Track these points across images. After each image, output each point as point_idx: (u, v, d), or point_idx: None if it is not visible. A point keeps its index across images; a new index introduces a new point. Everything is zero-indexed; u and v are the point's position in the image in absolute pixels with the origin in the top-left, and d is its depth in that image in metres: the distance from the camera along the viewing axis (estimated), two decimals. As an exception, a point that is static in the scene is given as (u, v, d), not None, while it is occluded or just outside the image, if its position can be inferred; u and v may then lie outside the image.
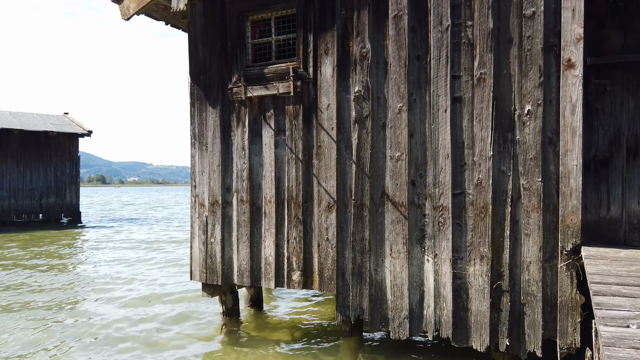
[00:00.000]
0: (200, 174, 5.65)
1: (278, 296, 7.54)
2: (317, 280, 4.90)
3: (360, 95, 4.66)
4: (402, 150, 4.48)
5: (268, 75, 5.16)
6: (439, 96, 4.33)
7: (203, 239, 5.59)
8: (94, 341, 5.48)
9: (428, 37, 4.38)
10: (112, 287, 8.43)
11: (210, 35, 5.51)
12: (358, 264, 4.69)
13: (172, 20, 6.18)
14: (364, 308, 4.68)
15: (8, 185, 21.24)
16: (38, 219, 22.05)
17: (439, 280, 4.34)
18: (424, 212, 4.42)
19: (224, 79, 5.44)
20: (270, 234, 5.16)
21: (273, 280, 5.12)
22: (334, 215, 4.82)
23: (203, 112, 5.60)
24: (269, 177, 5.19)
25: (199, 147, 5.64)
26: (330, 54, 4.83)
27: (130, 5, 5.55)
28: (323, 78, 4.87)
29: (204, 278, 5.57)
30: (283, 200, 5.11)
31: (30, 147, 21.91)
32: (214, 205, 5.52)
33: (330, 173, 4.84)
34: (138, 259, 11.73)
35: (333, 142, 4.81)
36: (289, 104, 5.07)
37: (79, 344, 5.37)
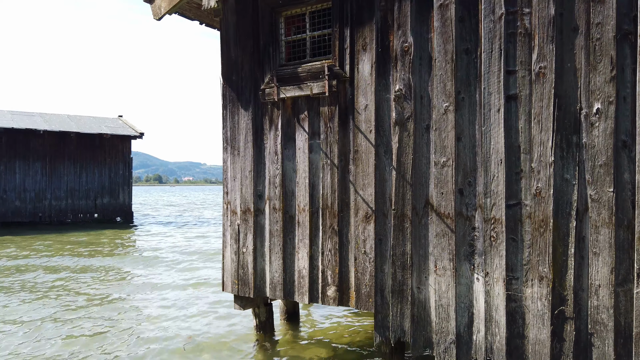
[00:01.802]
0: (232, 180, 5.38)
1: (315, 309, 7.18)
2: (353, 297, 4.50)
3: (402, 94, 4.22)
4: (448, 155, 4.00)
5: (302, 75, 4.81)
6: (490, 94, 3.81)
7: (235, 249, 5.32)
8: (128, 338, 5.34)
9: (478, 28, 3.87)
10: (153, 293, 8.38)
11: (242, 33, 5.22)
12: (399, 281, 4.24)
13: (205, 19, 5.96)
14: (405, 329, 4.23)
15: (65, 186, 22.13)
16: (93, 219, 22.85)
17: (491, 302, 3.83)
18: (473, 225, 3.92)
19: (256, 80, 5.14)
20: (304, 245, 4.81)
21: (307, 295, 4.76)
22: (372, 226, 4.40)
23: (235, 115, 5.33)
24: (303, 183, 4.84)
25: (231, 152, 5.37)
26: (368, 49, 4.42)
27: (162, 5, 5.36)
28: (360, 76, 4.46)
29: (236, 290, 5.29)
30: (317, 209, 4.75)
31: (86, 149, 22.73)
32: (245, 213, 5.24)
33: (368, 180, 4.42)
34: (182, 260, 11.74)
35: (371, 146, 4.39)
36: (324, 105, 4.70)
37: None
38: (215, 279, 9.35)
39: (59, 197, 21.93)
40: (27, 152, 21.19)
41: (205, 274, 9.98)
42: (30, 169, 21.24)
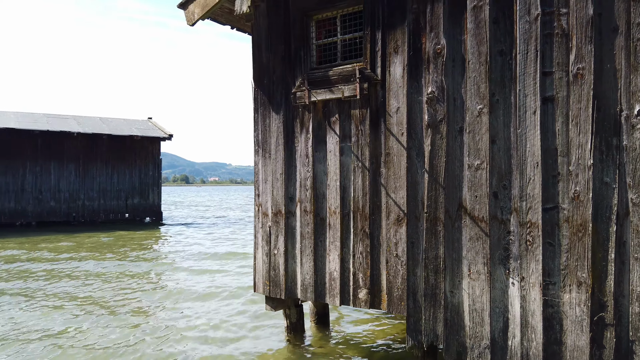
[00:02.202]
0: (263, 182, 5.44)
1: (345, 311, 7.19)
2: (385, 300, 4.49)
3: (434, 96, 4.19)
4: (482, 158, 3.95)
5: (333, 78, 4.82)
6: (526, 96, 3.76)
7: (266, 250, 5.37)
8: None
9: (513, 29, 3.82)
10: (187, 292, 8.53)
11: (274, 37, 5.28)
12: (431, 285, 4.22)
13: (237, 24, 6.04)
14: (438, 334, 4.20)
15: (98, 187, 22.71)
16: (124, 218, 23.38)
17: (527, 308, 3.77)
18: (508, 229, 3.86)
19: (287, 83, 5.19)
20: (335, 248, 4.83)
21: (338, 298, 4.78)
22: (404, 229, 4.39)
23: (266, 118, 5.38)
24: (334, 186, 4.85)
25: (262, 155, 5.43)
26: (400, 52, 4.40)
27: (195, 11, 5.46)
28: (392, 79, 4.46)
29: (267, 291, 5.35)
30: (348, 211, 4.76)
31: (117, 151, 23.27)
32: (277, 215, 5.29)
33: (400, 183, 4.41)
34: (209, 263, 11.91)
35: (403, 149, 4.38)
36: (355, 108, 4.71)
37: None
38: (240, 284, 9.46)
39: (91, 198, 22.54)
40: (62, 154, 21.84)
41: (235, 275, 10.11)
42: (64, 170, 21.88)
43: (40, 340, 5.78)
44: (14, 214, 20.80)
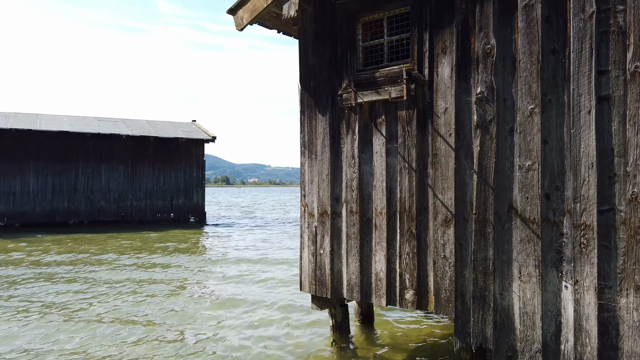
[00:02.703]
0: (309, 183, 5.53)
1: (390, 311, 7.19)
2: (432, 301, 4.48)
3: (483, 96, 4.16)
4: (533, 159, 3.89)
5: (379, 79, 4.86)
6: (580, 95, 3.67)
7: (312, 250, 5.46)
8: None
9: (567, 27, 3.75)
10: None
11: (320, 40, 5.36)
12: (480, 287, 4.18)
13: (283, 28, 6.16)
14: (487, 336, 4.16)
15: (145, 187, 23.52)
16: (170, 218, 24.11)
17: (581, 312, 3.68)
18: (561, 231, 3.79)
19: (333, 85, 5.26)
20: (381, 248, 4.85)
21: (384, 298, 4.80)
22: (451, 230, 4.37)
23: (312, 120, 5.47)
24: (380, 187, 4.88)
25: (308, 156, 5.52)
26: (448, 52, 4.39)
27: (244, 16, 5.62)
28: (440, 79, 4.45)
29: (313, 290, 5.43)
30: (395, 212, 4.77)
31: (163, 153, 24.03)
32: (323, 215, 5.36)
33: (448, 184, 4.39)
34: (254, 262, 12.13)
35: (451, 150, 4.36)
36: (402, 109, 4.72)
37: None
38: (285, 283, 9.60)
39: (139, 198, 23.38)
40: (111, 156, 22.76)
41: (281, 275, 10.27)
42: (114, 171, 22.80)
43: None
44: (67, 213, 21.85)
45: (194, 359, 5.25)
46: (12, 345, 5.62)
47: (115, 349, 5.49)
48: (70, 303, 7.58)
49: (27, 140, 21.08)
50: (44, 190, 21.46)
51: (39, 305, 7.41)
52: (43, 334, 6.00)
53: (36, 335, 5.98)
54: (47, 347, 5.55)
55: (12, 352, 5.39)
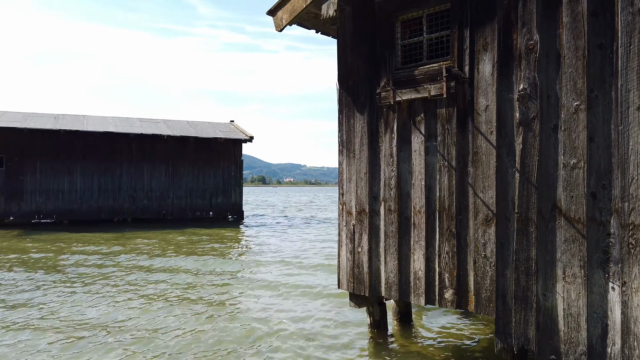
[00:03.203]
0: (347, 182, 5.56)
1: (428, 310, 7.13)
2: (472, 301, 4.43)
3: (526, 93, 4.08)
4: (579, 157, 3.79)
5: (418, 77, 4.84)
6: (629, 91, 3.56)
7: (350, 248, 5.49)
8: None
9: (614, 22, 3.63)
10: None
11: (359, 39, 5.39)
12: (522, 287, 4.10)
13: (322, 28, 6.22)
14: (529, 337, 4.08)
15: (185, 186, 24.12)
16: (209, 217, 24.63)
17: (628, 314, 3.57)
18: (608, 231, 3.68)
19: (372, 84, 5.27)
20: (420, 247, 4.83)
21: (423, 297, 4.78)
22: (492, 229, 4.31)
23: (351, 119, 5.50)
24: (419, 185, 4.87)
25: (347, 155, 5.55)
26: (489, 49, 4.33)
27: (283, 17, 5.71)
28: (481, 76, 4.39)
29: (351, 288, 5.46)
30: (434, 211, 4.75)
31: (202, 152, 24.58)
32: (361, 214, 5.39)
33: (489, 182, 4.33)
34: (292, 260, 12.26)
35: (492, 148, 4.30)
36: (441, 107, 4.69)
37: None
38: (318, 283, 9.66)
39: (179, 197, 24.01)
40: (153, 156, 23.47)
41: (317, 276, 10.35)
42: (155, 170, 23.50)
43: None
44: (112, 211, 22.68)
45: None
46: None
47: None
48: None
49: (75, 141, 22.00)
50: (91, 189, 22.35)
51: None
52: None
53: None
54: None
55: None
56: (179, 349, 5.40)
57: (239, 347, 5.51)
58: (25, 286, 8.65)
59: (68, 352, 5.32)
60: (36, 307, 7.18)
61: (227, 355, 5.27)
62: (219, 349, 5.44)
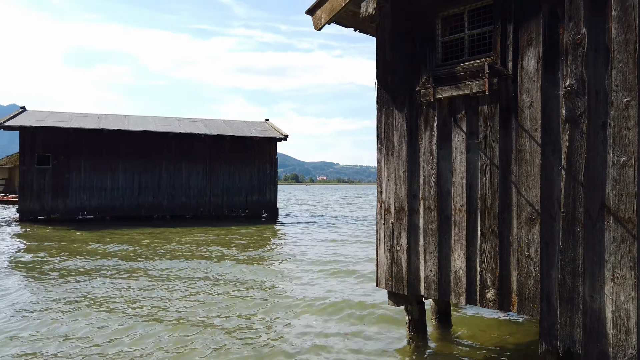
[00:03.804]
0: (386, 180, 5.55)
1: (468, 309, 7.04)
2: (515, 302, 4.35)
3: (573, 89, 3.97)
4: (629, 155, 3.67)
5: (459, 74, 4.78)
6: (685, 86, 3.41)
7: (389, 246, 5.48)
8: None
9: (669, 13, 3.49)
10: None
11: (398, 37, 5.36)
12: (568, 288, 4.00)
13: (360, 26, 6.21)
14: (576, 340, 3.98)
15: (222, 184, 24.56)
16: (244, 214, 24.99)
17: (683, 318, 3.43)
18: (660, 231, 3.54)
19: (411, 82, 5.24)
20: (461, 246, 4.78)
21: (464, 297, 4.72)
22: (537, 229, 4.21)
23: (389, 117, 5.48)
24: (459, 184, 4.81)
25: (385, 153, 5.54)
26: (534, 44, 4.24)
27: (322, 15, 5.74)
28: (525, 73, 4.30)
29: (390, 286, 5.45)
30: (475, 209, 4.68)
31: (238, 151, 24.95)
32: (399, 212, 5.36)
33: (533, 181, 4.24)
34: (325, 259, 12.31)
35: (537, 146, 4.21)
36: (483, 104, 4.62)
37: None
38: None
39: (216, 194, 24.47)
40: (191, 154, 23.99)
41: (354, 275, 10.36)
42: (193, 169, 24.02)
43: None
44: (152, 208, 23.33)
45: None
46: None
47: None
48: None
49: (117, 140, 22.73)
50: (131, 187, 23.05)
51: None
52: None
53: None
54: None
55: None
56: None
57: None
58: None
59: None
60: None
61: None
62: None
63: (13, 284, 8.71)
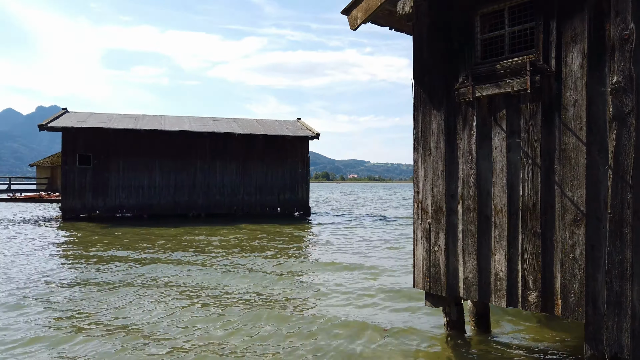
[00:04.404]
0: (423, 180, 5.50)
1: (507, 312, 6.90)
2: (559, 305, 4.24)
3: (620, 87, 3.84)
4: (682, 154, 3.52)
5: (499, 72, 4.69)
6: None
7: (426, 247, 5.43)
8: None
9: None
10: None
11: (435, 35, 5.30)
12: (615, 292, 3.88)
13: (396, 25, 6.17)
14: (623, 345, 3.85)
15: (255, 183, 24.83)
16: (277, 212, 25.20)
17: None
18: None
19: (449, 80, 5.17)
20: (501, 247, 4.69)
21: (505, 299, 4.64)
22: (582, 230, 4.10)
23: (427, 116, 5.43)
24: (500, 184, 4.72)
25: (422, 152, 5.49)
26: (578, 41, 4.12)
27: (358, 15, 5.73)
28: (569, 70, 4.18)
29: (427, 287, 5.41)
30: (516, 210, 4.59)
31: (271, 150, 25.17)
32: (437, 212, 5.31)
33: (578, 181, 4.13)
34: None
35: (582, 145, 4.09)
36: (525, 103, 4.52)
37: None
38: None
39: (249, 193, 24.78)
40: (225, 153, 24.36)
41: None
42: (227, 167, 24.38)
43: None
44: (187, 206, 23.82)
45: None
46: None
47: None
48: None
49: (154, 140, 23.29)
50: (168, 185, 23.59)
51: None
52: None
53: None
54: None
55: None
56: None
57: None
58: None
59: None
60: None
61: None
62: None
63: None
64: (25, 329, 6.10)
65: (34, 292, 8.04)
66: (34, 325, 6.25)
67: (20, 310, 6.92)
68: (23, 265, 10.62)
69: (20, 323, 6.34)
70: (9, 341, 5.65)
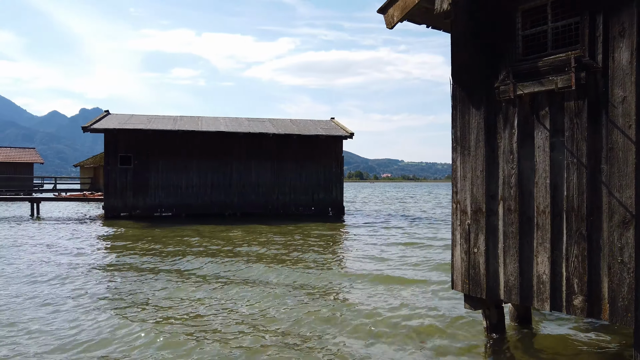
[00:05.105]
0: (461, 180, 5.40)
1: (549, 316, 6.70)
2: (607, 310, 4.09)
3: (673, 82, 3.66)
4: None
5: (542, 69, 4.55)
6: None
7: (465, 248, 5.33)
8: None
9: None
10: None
11: (474, 32, 5.19)
12: (668, 297, 3.71)
13: (433, 22, 6.08)
14: (677, 353, 3.68)
15: (289, 182, 25.01)
16: (311, 212, 25.29)
17: None
18: None
19: (488, 78, 5.06)
20: (544, 249, 4.56)
21: (548, 302, 4.50)
22: (631, 232, 3.93)
23: (465, 115, 5.33)
24: (543, 184, 4.58)
25: (461, 152, 5.39)
26: (627, 35, 3.95)
27: (395, 14, 5.68)
28: (617, 65, 4.02)
29: (467, 289, 5.31)
30: (560, 211, 4.44)
31: (305, 149, 25.27)
32: (476, 213, 5.20)
33: (627, 181, 3.96)
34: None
35: (631, 143, 3.92)
36: (569, 100, 4.37)
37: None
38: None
39: (284, 192, 24.96)
40: (260, 153, 24.62)
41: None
42: (261, 167, 24.64)
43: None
44: (223, 206, 24.21)
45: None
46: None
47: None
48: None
49: (191, 140, 23.79)
50: (205, 185, 24.05)
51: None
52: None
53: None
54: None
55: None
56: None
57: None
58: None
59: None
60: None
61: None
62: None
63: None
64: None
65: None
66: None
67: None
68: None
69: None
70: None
